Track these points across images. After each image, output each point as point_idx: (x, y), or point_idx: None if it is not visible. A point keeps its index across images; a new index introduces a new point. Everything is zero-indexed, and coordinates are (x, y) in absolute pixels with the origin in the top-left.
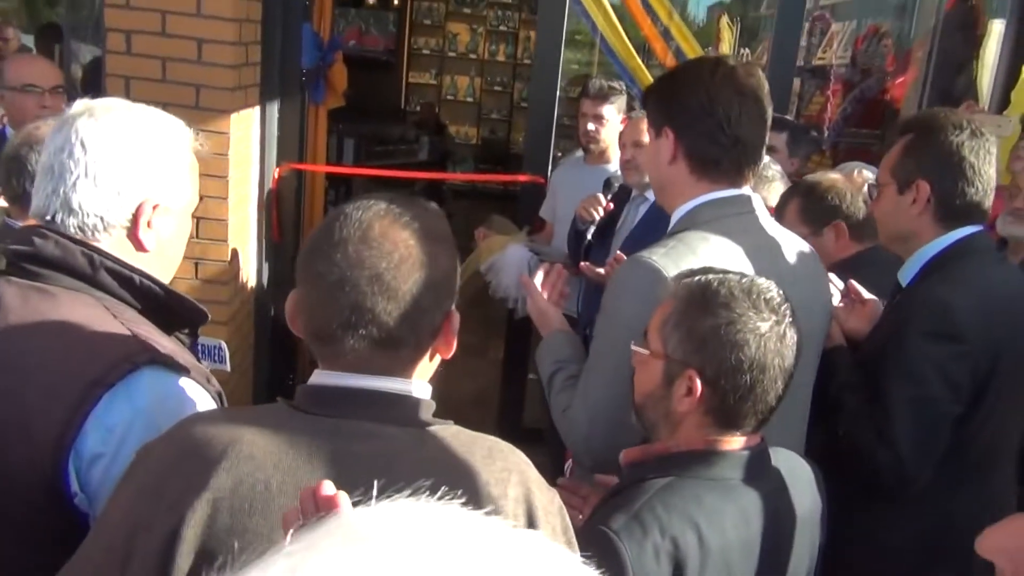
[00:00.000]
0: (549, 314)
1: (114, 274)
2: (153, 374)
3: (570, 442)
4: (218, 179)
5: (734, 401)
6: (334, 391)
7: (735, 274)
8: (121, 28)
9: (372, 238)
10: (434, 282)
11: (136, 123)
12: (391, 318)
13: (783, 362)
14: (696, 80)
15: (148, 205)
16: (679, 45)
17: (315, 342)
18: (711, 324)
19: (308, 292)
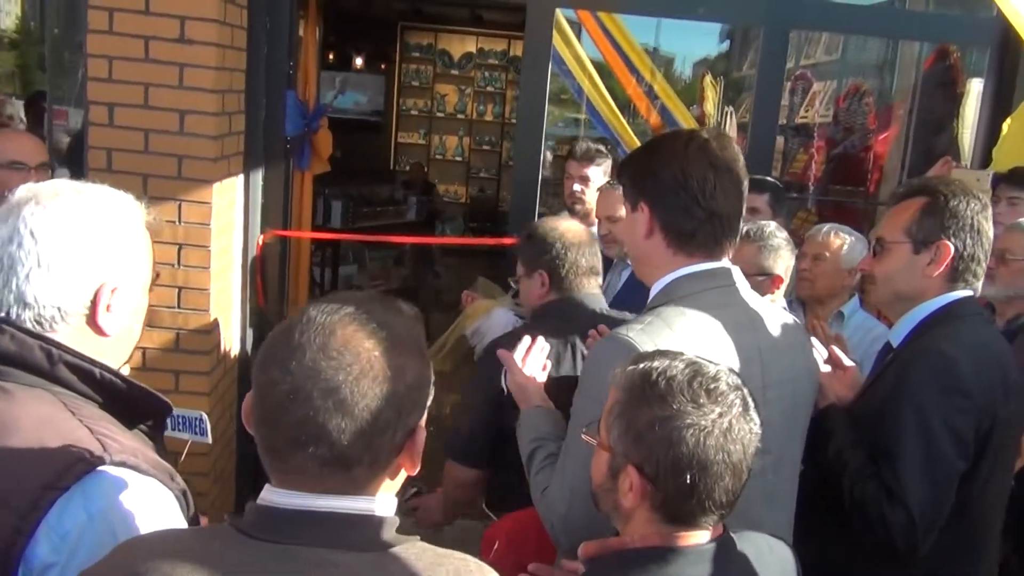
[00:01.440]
0: (528, 389)
1: (74, 368)
2: (111, 476)
3: (548, 523)
4: (200, 249)
5: (677, 500)
6: (284, 513)
7: (681, 361)
8: (104, 101)
9: (332, 347)
10: (397, 397)
11: (87, 206)
12: (345, 436)
13: (729, 457)
14: (669, 154)
15: (106, 289)
16: (663, 103)
17: (264, 454)
18: (648, 419)
19: (259, 399)
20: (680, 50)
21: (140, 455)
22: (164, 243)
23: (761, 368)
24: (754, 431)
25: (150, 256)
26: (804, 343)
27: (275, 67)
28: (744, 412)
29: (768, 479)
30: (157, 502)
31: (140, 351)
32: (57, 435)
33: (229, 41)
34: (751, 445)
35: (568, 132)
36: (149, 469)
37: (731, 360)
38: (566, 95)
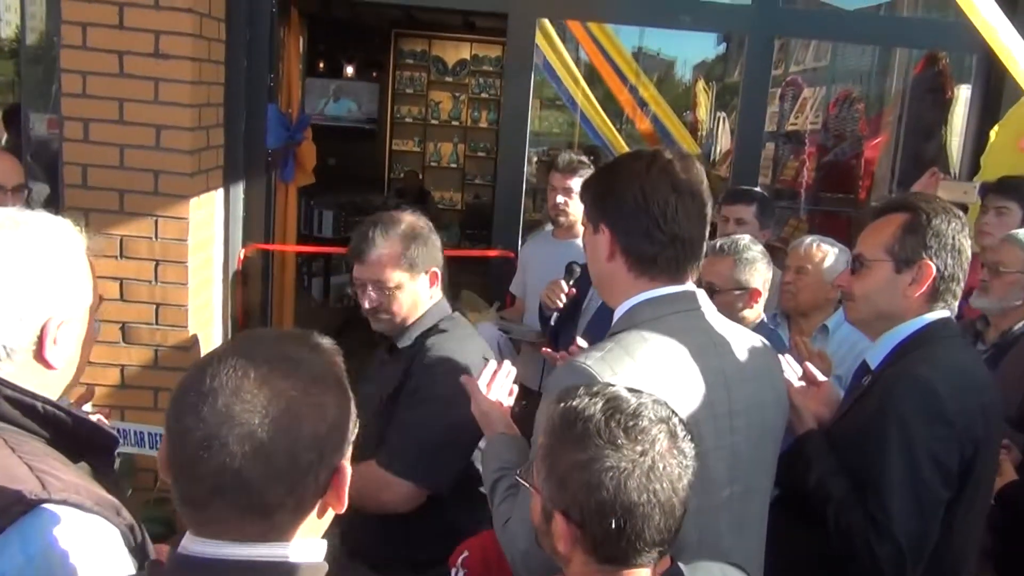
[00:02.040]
0: (491, 416)
1: (16, 403)
2: (50, 514)
3: (510, 556)
4: (178, 264)
5: (607, 543)
6: (198, 563)
7: (601, 398)
8: (78, 116)
9: (246, 389)
10: (319, 438)
11: (26, 240)
12: (264, 482)
13: (655, 496)
14: (630, 176)
15: (52, 324)
16: (655, 112)
17: (180, 505)
18: (568, 464)
19: (173, 448)
20: (675, 55)
21: (83, 492)
22: (141, 259)
23: (727, 394)
24: (684, 463)
25: (92, 281)
26: (773, 368)
27: (255, 80)
28: (672, 445)
29: (735, 508)
30: (99, 540)
31: (119, 368)
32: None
33: (206, 55)
34: (682, 479)
35: (563, 138)
36: (92, 506)
37: (695, 386)
38: (560, 101)
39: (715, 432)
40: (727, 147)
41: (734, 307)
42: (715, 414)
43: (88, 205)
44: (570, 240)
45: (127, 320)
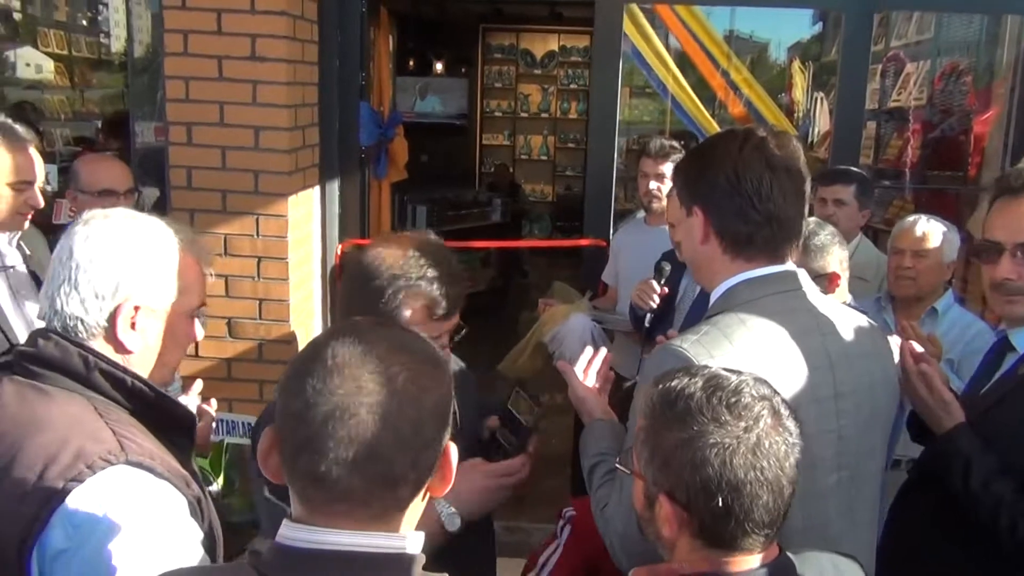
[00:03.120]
0: (589, 402)
1: (107, 375)
2: (125, 474)
3: (608, 542)
4: (278, 261)
5: (714, 524)
6: (304, 553)
7: (700, 377)
8: (182, 121)
9: (371, 361)
10: (437, 412)
11: (120, 230)
12: (393, 451)
13: (762, 473)
14: (723, 155)
15: (127, 307)
16: (747, 94)
17: (304, 483)
18: (670, 442)
19: (296, 425)
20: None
21: (158, 459)
22: (244, 256)
23: (831, 376)
24: (791, 441)
25: (193, 286)
26: (881, 348)
27: (347, 79)
28: (777, 423)
29: (844, 495)
30: (167, 503)
31: (226, 362)
32: (82, 433)
33: (300, 56)
34: (789, 457)
35: (653, 126)
36: (164, 472)
37: (796, 369)
38: (650, 88)
39: (819, 416)
40: (825, 128)
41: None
42: (818, 397)
43: (193, 206)
44: (662, 226)
45: (232, 315)
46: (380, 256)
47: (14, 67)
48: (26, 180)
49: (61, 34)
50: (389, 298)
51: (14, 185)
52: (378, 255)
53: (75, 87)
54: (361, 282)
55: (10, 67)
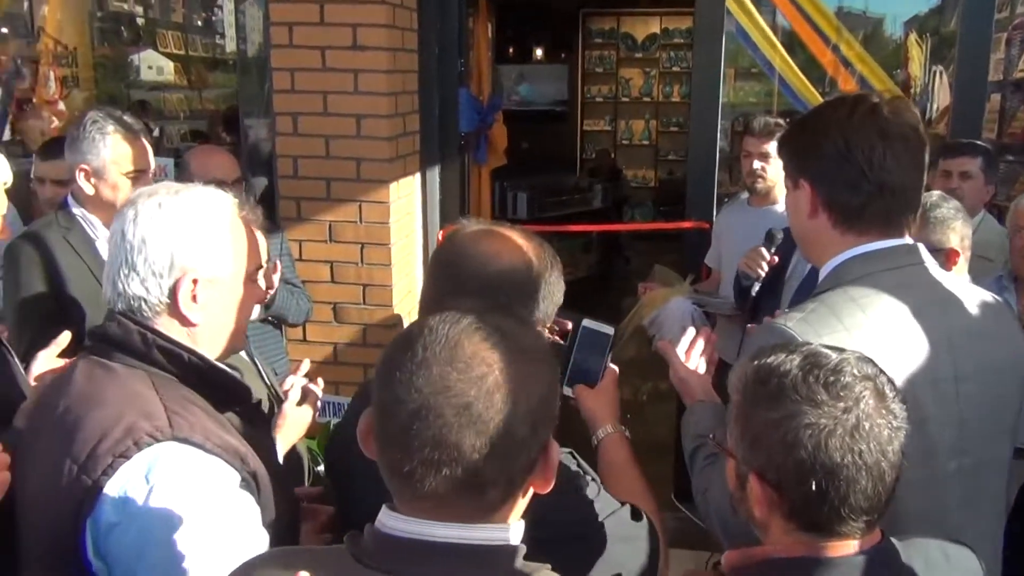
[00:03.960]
0: (690, 383)
1: (165, 352)
2: (174, 450)
3: (710, 525)
4: (381, 247)
5: (808, 508)
6: (406, 543)
7: (798, 354)
8: (288, 111)
9: (460, 359)
10: (531, 410)
11: (167, 206)
12: (480, 455)
13: (861, 457)
14: (831, 123)
15: (186, 281)
16: (860, 70)
17: (390, 476)
18: (761, 421)
19: (384, 418)
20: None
21: (209, 435)
22: (347, 243)
23: (951, 358)
24: (895, 425)
25: (241, 250)
26: (1008, 329)
27: (446, 66)
28: (880, 405)
29: (965, 482)
30: (215, 478)
31: (332, 346)
32: (137, 409)
33: (400, 44)
34: (893, 441)
35: (760, 107)
36: (213, 448)
37: (912, 350)
38: (756, 68)
39: (937, 399)
40: (945, 103)
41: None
42: (936, 379)
43: (299, 194)
44: (767, 207)
45: (338, 300)
46: (518, 250)
47: (138, 70)
48: (140, 169)
49: (179, 35)
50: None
51: (130, 174)
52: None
53: (192, 86)
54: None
55: (134, 70)
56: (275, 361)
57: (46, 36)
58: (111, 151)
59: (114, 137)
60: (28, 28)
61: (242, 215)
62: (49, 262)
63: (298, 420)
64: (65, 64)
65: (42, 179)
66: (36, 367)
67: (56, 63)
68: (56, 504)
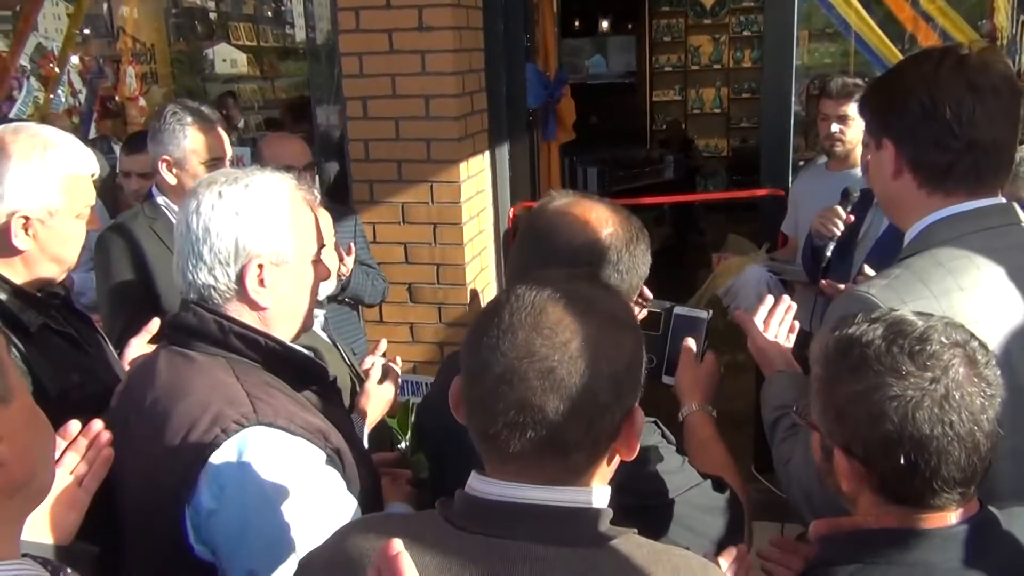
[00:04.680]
0: (769, 353)
1: (242, 338)
2: (261, 434)
3: (791, 497)
4: (453, 226)
5: (897, 481)
6: (495, 505)
7: (882, 323)
8: (358, 96)
9: (545, 325)
10: (615, 377)
11: (228, 194)
12: (563, 419)
13: (952, 428)
14: (915, 79)
15: (252, 266)
16: (942, 24)
17: (479, 440)
18: (844, 394)
19: (471, 383)
20: None
21: (292, 417)
22: (420, 223)
23: None
24: (988, 392)
25: (309, 230)
26: None
27: (512, 42)
28: (971, 372)
29: None
30: (303, 458)
31: (408, 326)
32: (221, 397)
33: (465, 23)
34: (987, 410)
35: (836, 69)
36: (297, 429)
37: (1006, 314)
38: (831, 28)
39: None
40: None
41: None
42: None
43: (371, 177)
44: (846, 171)
45: (412, 281)
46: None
47: (212, 64)
48: (217, 157)
49: (250, 27)
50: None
51: (207, 163)
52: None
53: (265, 76)
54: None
55: (209, 64)
56: (353, 342)
57: (125, 35)
58: (190, 141)
59: (192, 128)
60: (108, 28)
61: (302, 196)
62: (137, 252)
63: (381, 398)
64: (144, 61)
65: (127, 173)
66: (129, 353)
67: (136, 61)
68: (152, 492)
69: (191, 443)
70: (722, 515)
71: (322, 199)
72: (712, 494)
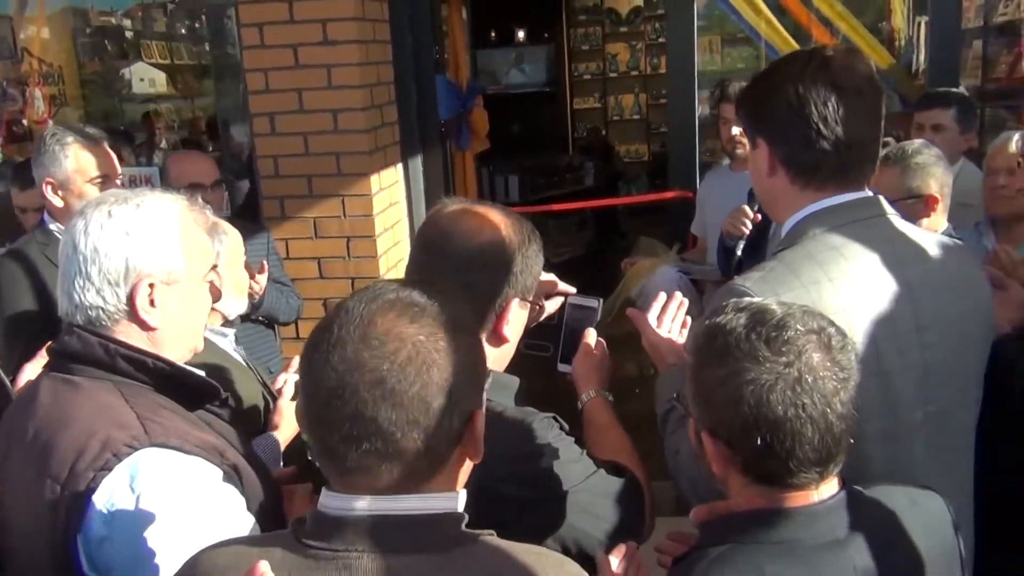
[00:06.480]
0: (662, 349)
1: (129, 360)
2: (153, 456)
3: (680, 487)
4: (366, 239)
5: (757, 462)
6: (338, 520)
7: (746, 312)
8: (264, 111)
9: (373, 336)
10: (449, 382)
11: (116, 214)
12: (398, 428)
13: (804, 410)
14: (784, 80)
15: (143, 286)
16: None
17: (318, 455)
18: (710, 379)
19: (308, 399)
20: None
21: (186, 436)
22: (333, 238)
23: (912, 308)
24: (841, 376)
25: (201, 250)
26: (972, 274)
27: (421, 54)
28: (825, 357)
29: (932, 432)
30: (198, 477)
31: None
32: (108, 421)
33: (371, 36)
34: (839, 393)
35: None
36: (192, 448)
37: (872, 303)
38: (742, 33)
39: (899, 350)
40: None
41: (909, 219)
42: (898, 331)
43: (281, 193)
44: (748, 172)
45: (327, 296)
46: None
47: (130, 84)
48: (105, 175)
49: (163, 45)
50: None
51: (95, 181)
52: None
53: (182, 95)
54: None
55: (126, 84)
56: (268, 360)
57: (31, 56)
58: (72, 161)
59: (74, 147)
60: (12, 50)
61: (194, 217)
62: (33, 277)
63: (293, 415)
64: (52, 83)
65: (23, 209)
66: (21, 380)
67: (43, 83)
68: (40, 525)
69: (81, 470)
70: (622, 499)
71: (232, 217)
72: (611, 479)
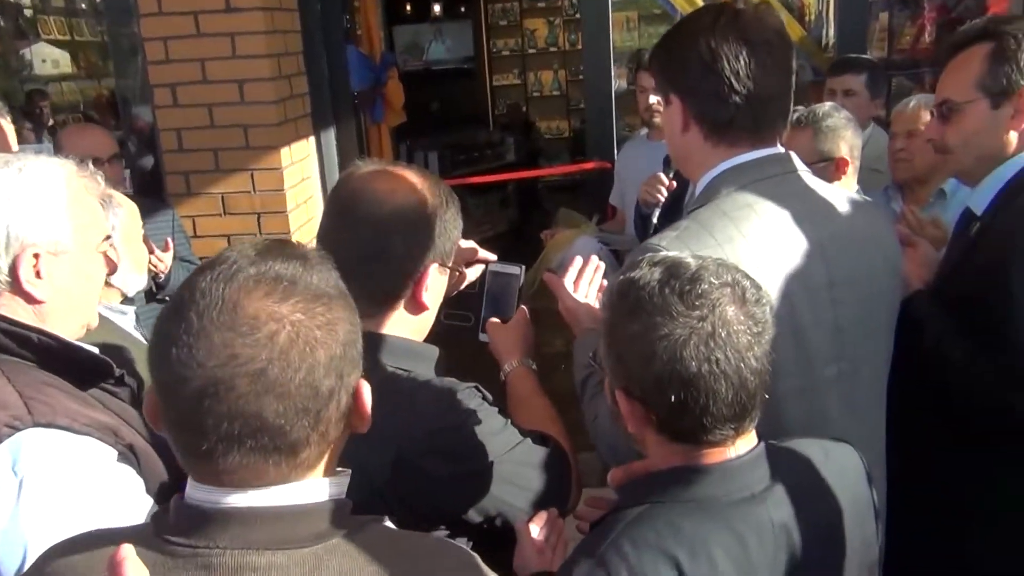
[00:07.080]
0: (579, 313)
1: (10, 335)
2: (37, 436)
3: (600, 452)
4: (278, 215)
5: (672, 419)
6: (209, 514)
7: (660, 266)
8: (165, 83)
9: (243, 321)
10: (334, 360)
11: (3, 180)
12: (285, 420)
13: (718, 365)
14: (694, 34)
15: (27, 256)
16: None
17: (187, 458)
18: (623, 335)
19: (168, 401)
20: None
21: (75, 415)
22: (243, 214)
23: (824, 265)
24: (755, 331)
25: (92, 218)
26: (882, 232)
27: (331, 24)
28: (739, 311)
29: (844, 387)
30: (89, 458)
31: None
32: None
33: (277, 3)
34: (753, 347)
35: None
36: (82, 428)
37: (784, 260)
38: (660, 9)
39: (812, 306)
40: None
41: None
42: (810, 287)
43: (186, 168)
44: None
45: None
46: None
47: (31, 65)
48: None
49: (62, 21)
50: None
51: None
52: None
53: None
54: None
55: (27, 65)
56: None
57: None
58: None
59: None
60: None
61: (84, 183)
62: None
63: None
64: None
65: None
66: None
67: None
68: None
69: None
70: (547, 469)
71: (133, 195)
72: (536, 449)
